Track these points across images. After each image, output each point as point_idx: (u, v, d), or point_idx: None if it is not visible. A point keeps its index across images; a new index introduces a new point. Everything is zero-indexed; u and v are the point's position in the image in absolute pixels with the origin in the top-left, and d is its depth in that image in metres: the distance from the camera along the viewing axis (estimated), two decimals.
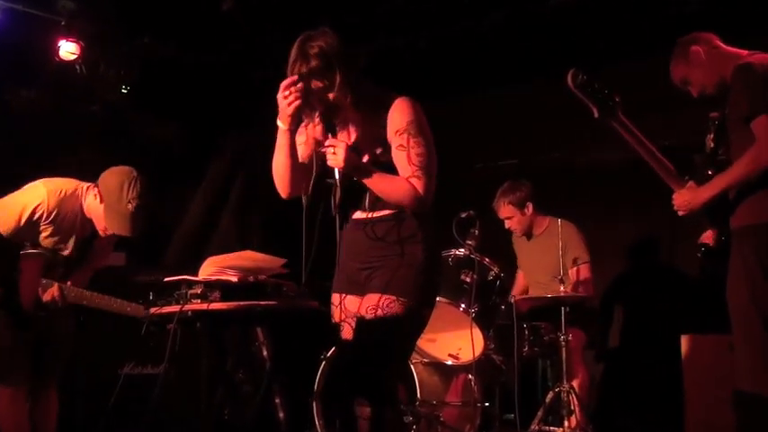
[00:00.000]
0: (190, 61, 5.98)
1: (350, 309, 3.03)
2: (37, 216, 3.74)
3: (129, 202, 3.75)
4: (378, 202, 2.98)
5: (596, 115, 3.30)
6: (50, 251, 3.81)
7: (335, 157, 2.84)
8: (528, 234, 5.26)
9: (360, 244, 2.99)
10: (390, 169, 2.94)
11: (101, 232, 3.85)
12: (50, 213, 3.78)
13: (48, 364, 3.93)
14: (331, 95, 2.92)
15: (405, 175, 2.90)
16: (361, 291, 2.99)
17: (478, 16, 5.44)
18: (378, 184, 2.91)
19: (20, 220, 3.72)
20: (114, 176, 3.81)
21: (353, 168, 2.88)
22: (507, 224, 5.23)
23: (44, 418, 3.95)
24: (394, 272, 2.92)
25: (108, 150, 4.09)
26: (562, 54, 5.55)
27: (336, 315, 3.10)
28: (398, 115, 2.95)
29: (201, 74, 6.01)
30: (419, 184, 2.89)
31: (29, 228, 3.75)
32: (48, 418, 3.96)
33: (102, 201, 3.79)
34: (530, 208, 5.16)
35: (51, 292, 3.77)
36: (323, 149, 2.87)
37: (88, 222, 3.87)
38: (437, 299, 3.14)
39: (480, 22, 5.47)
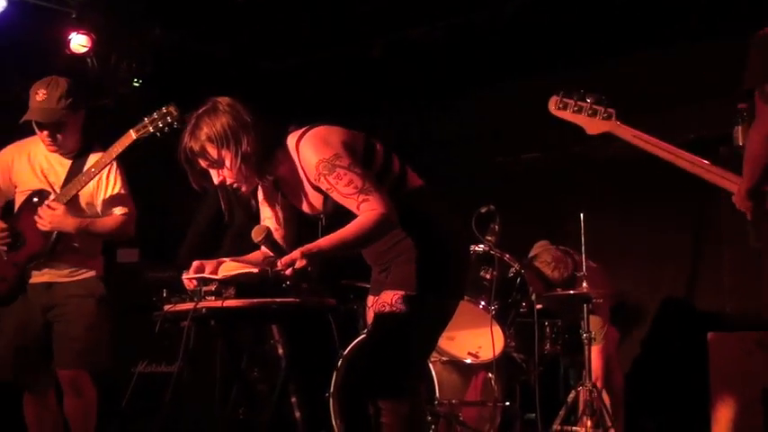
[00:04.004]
0: (199, 52, 6.01)
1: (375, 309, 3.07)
2: None
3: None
4: None
5: (588, 132, 3.27)
6: None
7: (302, 273, 2.77)
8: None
9: (377, 249, 3.03)
10: (340, 205, 2.90)
11: None
12: None
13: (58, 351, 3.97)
14: (231, 176, 2.93)
15: (352, 209, 2.85)
16: (380, 291, 3.04)
17: (498, 5, 5.42)
18: (348, 243, 2.84)
19: None
20: None
21: (317, 259, 2.80)
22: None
23: (69, 411, 3.99)
24: (399, 268, 2.97)
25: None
26: (584, 44, 5.54)
27: (370, 316, 3.17)
28: (305, 164, 2.93)
29: (211, 64, 6.04)
30: (371, 206, 2.82)
31: None
32: (67, 410, 4.00)
33: None
34: (570, 269, 4.93)
35: None
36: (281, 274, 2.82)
37: None
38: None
39: (500, 12, 5.45)
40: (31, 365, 3.99)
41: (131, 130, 3.82)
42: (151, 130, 3.78)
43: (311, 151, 2.90)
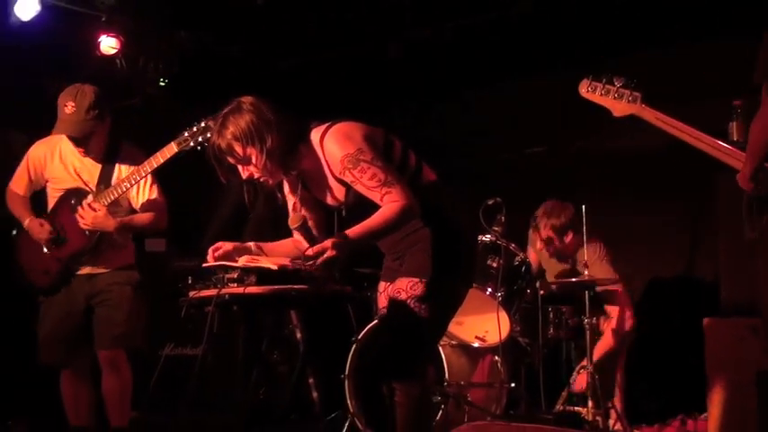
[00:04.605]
0: (221, 52, 6.04)
1: (389, 295, 3.10)
2: None
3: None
4: None
5: (614, 114, 3.28)
6: None
7: (332, 262, 2.80)
8: (558, 258, 5.10)
9: (392, 238, 3.05)
10: (363, 197, 2.94)
11: None
12: None
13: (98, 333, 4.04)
14: (257, 171, 2.97)
15: (376, 200, 2.89)
16: (394, 279, 3.08)
17: (506, 5, 5.43)
18: (373, 235, 2.91)
19: None
20: None
21: (350, 250, 2.85)
22: (539, 246, 5.07)
23: (107, 388, 4.06)
24: (414, 256, 3.01)
25: (148, 142, 4.16)
26: (589, 42, 5.55)
27: (381, 301, 3.22)
28: (330, 158, 2.97)
29: (232, 65, 6.07)
30: (393, 198, 2.87)
31: None
32: (105, 388, 4.07)
33: None
34: (569, 236, 4.97)
35: None
36: (309, 264, 2.83)
37: None
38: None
39: (508, 11, 5.46)
40: (72, 348, 4.07)
41: (173, 143, 3.86)
42: (192, 143, 3.83)
43: (335, 146, 2.94)
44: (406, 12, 5.60)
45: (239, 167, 3.00)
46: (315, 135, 3.01)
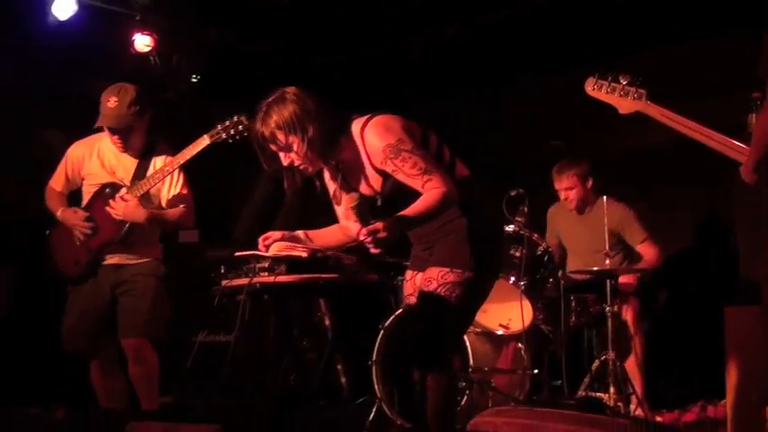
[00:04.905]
0: (252, 49, 6.07)
1: (418, 284, 3.13)
2: None
3: None
4: None
5: (620, 111, 3.27)
6: None
7: (381, 243, 2.81)
8: (580, 209, 5.21)
9: (425, 228, 3.07)
10: (403, 186, 2.97)
11: None
12: None
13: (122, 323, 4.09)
14: (298, 158, 3.00)
15: (417, 188, 2.92)
16: (424, 267, 3.11)
17: (521, 3, 5.42)
18: (420, 219, 2.92)
19: None
20: None
21: (400, 233, 2.90)
22: (565, 195, 5.13)
23: (134, 376, 4.11)
24: (445, 247, 3.03)
25: (180, 135, 4.20)
26: (608, 37, 5.52)
27: (407, 289, 3.24)
28: (371, 149, 3.00)
29: (259, 62, 6.10)
30: (435, 185, 2.90)
31: None
32: (132, 376, 4.12)
33: None
34: (590, 182, 5.11)
35: None
36: (363, 239, 2.83)
37: None
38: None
39: (527, 7, 5.45)
40: (98, 337, 4.11)
41: (206, 135, 3.91)
42: (224, 136, 3.88)
43: (376, 137, 2.97)
44: (428, 11, 5.60)
45: (281, 155, 3.03)
46: (355, 127, 3.04)
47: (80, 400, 4.38)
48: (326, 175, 3.21)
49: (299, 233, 3.27)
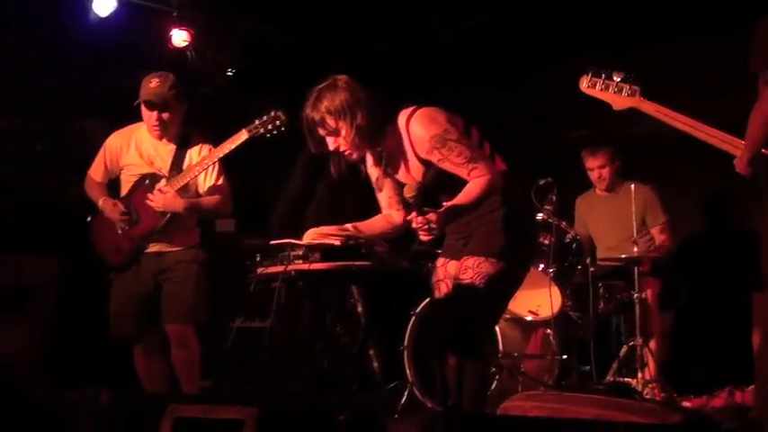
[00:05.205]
0: (286, 44, 6.09)
1: (449, 271, 3.18)
2: None
3: None
4: None
5: (614, 107, 3.26)
6: None
7: (432, 232, 2.88)
8: (609, 188, 5.17)
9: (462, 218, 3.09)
10: (446, 174, 3.02)
11: None
12: None
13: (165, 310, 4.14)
14: (345, 144, 3.04)
15: (463, 176, 2.98)
16: (458, 256, 3.14)
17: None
18: (469, 208, 2.98)
19: None
20: None
21: (452, 222, 2.97)
22: (597, 174, 5.14)
23: (176, 361, 4.16)
24: (481, 237, 3.06)
25: (217, 129, 4.23)
26: (633, 25, 5.46)
27: (437, 275, 3.27)
28: (416, 139, 3.04)
29: (297, 55, 6.11)
30: (481, 172, 2.96)
31: None
32: (175, 361, 4.16)
33: None
34: (617, 163, 5.12)
35: None
36: (417, 227, 2.89)
37: None
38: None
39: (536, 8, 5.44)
40: (141, 323, 4.15)
41: (244, 130, 3.93)
42: (261, 131, 3.90)
43: (422, 128, 3.02)
44: (458, 1, 5.58)
45: (328, 139, 3.07)
46: (401, 117, 3.09)
47: (123, 384, 4.45)
48: (369, 161, 3.25)
49: (348, 226, 3.32)
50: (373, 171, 3.27)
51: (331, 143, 3.07)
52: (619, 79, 3.21)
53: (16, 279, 5.43)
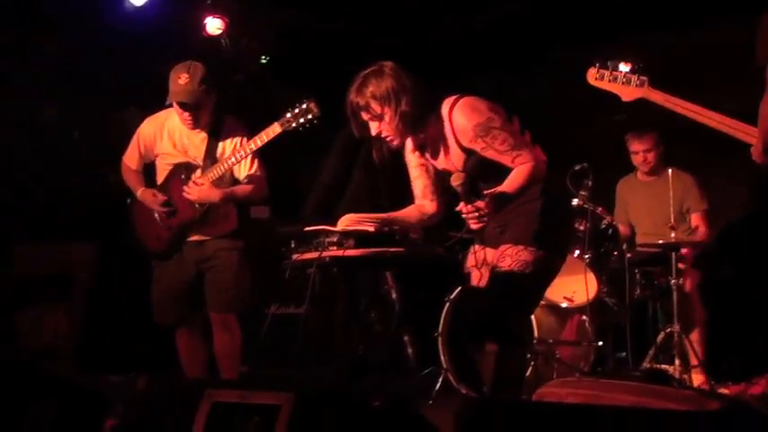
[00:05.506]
0: (319, 29, 6.08)
1: (485, 258, 3.19)
2: None
3: None
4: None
5: (623, 99, 3.23)
6: None
7: (482, 219, 2.91)
8: (653, 172, 5.10)
9: None
10: (487, 162, 3.04)
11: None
12: None
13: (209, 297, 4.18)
14: (387, 129, 3.06)
15: (507, 163, 3.01)
16: (495, 244, 3.15)
17: None
18: (513, 195, 2.99)
19: None
20: None
21: (500, 209, 2.97)
22: (642, 158, 5.07)
23: (219, 347, 4.21)
24: (520, 226, 3.07)
25: (251, 117, 4.25)
26: (673, 7, 5.39)
27: (470, 261, 3.28)
28: (459, 128, 3.05)
29: (331, 41, 6.11)
30: (525, 159, 3.00)
31: None
32: (217, 347, 4.22)
33: None
34: (662, 148, 5.07)
35: None
36: (466, 216, 2.92)
37: None
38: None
39: None
40: (184, 310, 4.21)
41: (276, 123, 3.92)
42: (294, 125, 3.89)
43: (465, 117, 3.04)
44: None
45: (371, 124, 3.09)
46: (444, 106, 3.10)
47: (161, 369, 4.52)
48: (408, 147, 3.26)
49: (384, 215, 3.34)
50: (412, 157, 3.28)
51: (374, 128, 3.09)
52: (627, 70, 3.19)
53: (59, 267, 5.54)
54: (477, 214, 2.86)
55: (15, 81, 5.53)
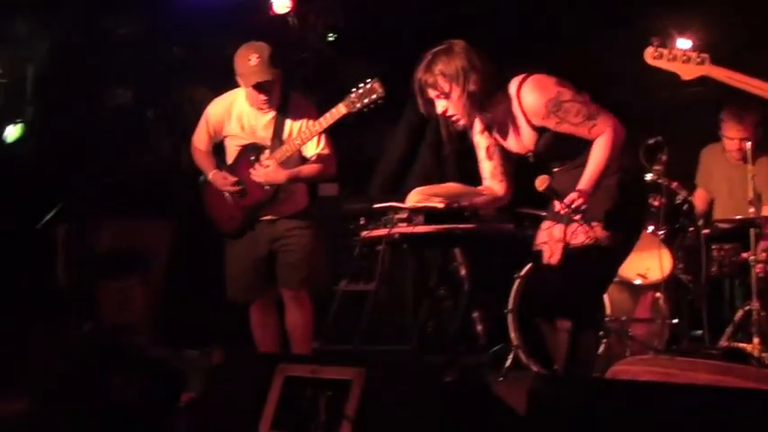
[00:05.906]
0: (385, 7, 6.05)
1: (556, 235, 3.12)
2: None
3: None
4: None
5: (683, 78, 3.12)
6: None
7: (580, 209, 2.92)
8: (745, 160, 4.64)
9: (566, 185, 3.05)
10: (559, 140, 3.02)
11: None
12: None
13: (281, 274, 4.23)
14: (454, 108, 3.04)
15: (584, 135, 2.97)
16: (566, 220, 3.09)
17: None
18: (601, 173, 2.95)
19: None
20: None
21: (592, 193, 2.95)
22: (739, 145, 4.65)
23: (291, 323, 4.26)
24: (594, 203, 3.00)
25: (318, 93, 4.26)
26: None
27: (542, 237, 3.23)
28: (529, 106, 3.02)
29: (397, 19, 6.07)
30: (602, 128, 2.96)
31: None
32: (289, 322, 4.27)
33: None
34: (761, 130, 4.65)
35: None
36: (564, 212, 2.96)
37: None
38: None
39: None
40: (259, 287, 4.26)
41: (341, 105, 3.90)
42: (359, 105, 3.87)
43: (534, 95, 3.02)
44: None
45: (437, 102, 3.08)
46: (512, 86, 3.08)
47: (236, 343, 4.60)
48: (477, 128, 3.23)
49: (457, 186, 3.37)
50: (480, 139, 3.25)
51: (440, 106, 3.08)
52: (687, 48, 3.10)
53: (137, 242, 5.69)
54: (573, 206, 2.88)
55: (90, 62, 5.67)
